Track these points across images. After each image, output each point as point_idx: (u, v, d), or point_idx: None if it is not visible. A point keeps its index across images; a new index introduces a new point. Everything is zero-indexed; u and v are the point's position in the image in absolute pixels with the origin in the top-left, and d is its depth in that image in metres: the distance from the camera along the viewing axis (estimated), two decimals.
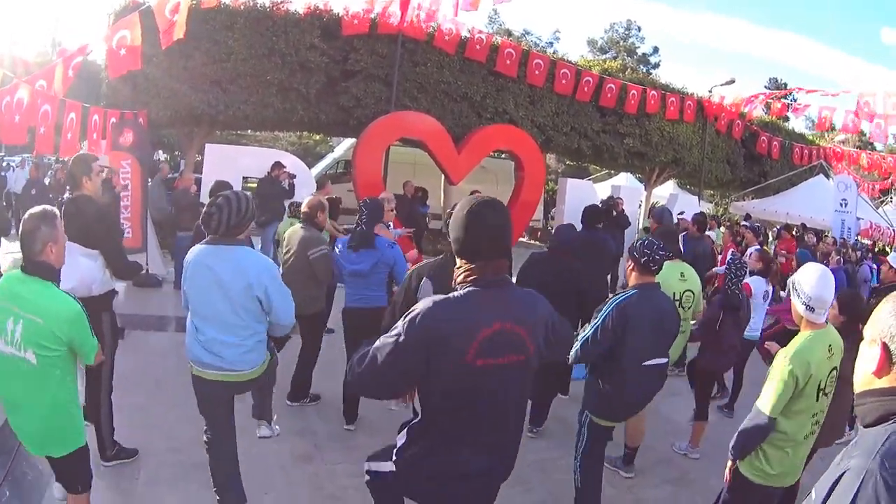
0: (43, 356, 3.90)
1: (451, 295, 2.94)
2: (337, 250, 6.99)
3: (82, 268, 5.57)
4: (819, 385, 4.34)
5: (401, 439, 3.21)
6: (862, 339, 2.11)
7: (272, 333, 4.93)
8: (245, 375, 4.75)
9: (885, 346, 1.99)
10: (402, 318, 2.90)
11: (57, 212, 4.15)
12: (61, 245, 4.13)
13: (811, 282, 4.34)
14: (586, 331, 5.26)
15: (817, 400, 4.38)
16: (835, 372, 4.47)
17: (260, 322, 4.72)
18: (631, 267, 5.42)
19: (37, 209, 4.08)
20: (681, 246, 9.90)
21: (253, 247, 5.65)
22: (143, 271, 12.44)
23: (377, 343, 2.93)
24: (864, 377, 2.08)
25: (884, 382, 2.00)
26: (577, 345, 5.15)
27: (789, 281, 4.65)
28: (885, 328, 2.00)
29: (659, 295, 5.46)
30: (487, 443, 3.08)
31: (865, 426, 2.03)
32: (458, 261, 3.05)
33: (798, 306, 4.43)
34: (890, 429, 1.90)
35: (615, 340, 5.11)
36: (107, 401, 5.87)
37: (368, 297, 6.77)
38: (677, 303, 6.75)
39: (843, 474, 1.88)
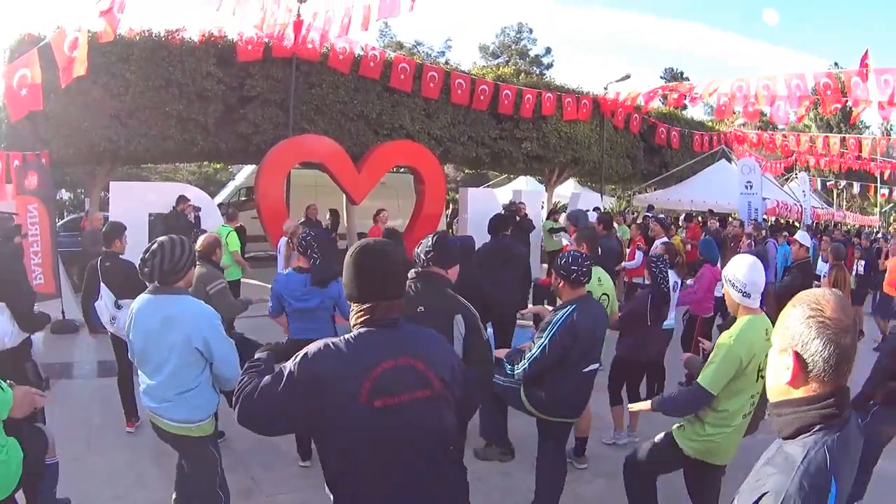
0: None
1: (341, 337, 2.89)
2: (276, 286, 6.91)
3: None
4: (759, 366, 4.62)
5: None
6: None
7: (221, 387, 4.72)
8: (183, 429, 4.54)
9: (797, 356, 1.99)
10: (293, 358, 2.85)
11: None
12: None
13: (743, 270, 4.63)
14: (533, 350, 5.38)
15: (756, 381, 4.67)
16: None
17: (203, 372, 4.55)
18: (561, 284, 5.52)
19: None
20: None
21: None
22: (59, 318, 12.39)
23: (265, 380, 2.85)
24: (779, 387, 2.08)
25: (800, 392, 2.01)
26: (525, 363, 5.37)
27: (722, 273, 4.88)
28: (797, 336, 2.00)
29: (594, 305, 5.66)
30: (411, 484, 2.89)
31: (784, 438, 2.04)
32: (351, 306, 3.02)
33: (734, 294, 4.70)
34: (808, 443, 1.93)
35: (564, 355, 5.27)
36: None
37: (315, 331, 6.49)
38: None
39: (763, 496, 1.89)
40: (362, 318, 2.93)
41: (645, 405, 5.20)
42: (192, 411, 4.53)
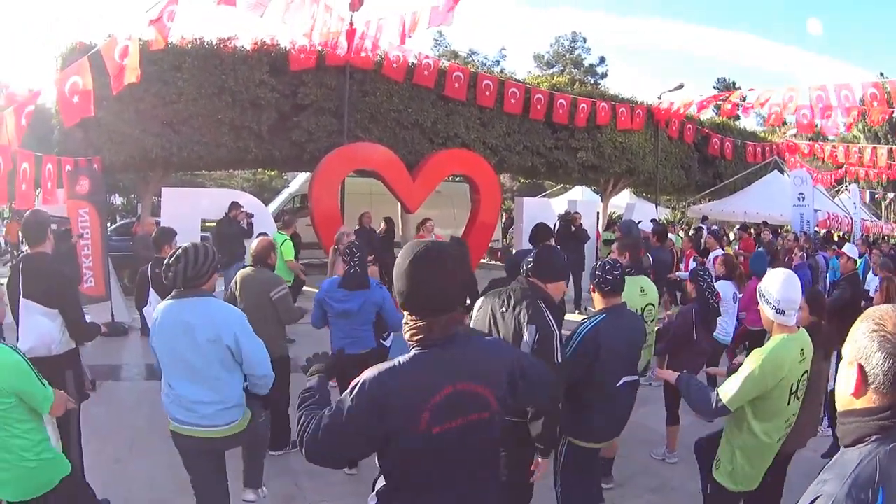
0: None
1: (397, 361, 2.74)
2: (319, 294, 6.88)
3: (41, 327, 5.53)
4: (791, 388, 4.46)
5: (372, 500, 3.00)
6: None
7: (253, 390, 4.75)
8: (222, 432, 4.56)
9: (860, 368, 2.00)
10: (349, 389, 2.73)
11: None
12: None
13: (777, 285, 4.46)
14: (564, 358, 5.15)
15: (788, 403, 4.50)
16: (806, 375, 4.60)
17: (233, 375, 4.56)
18: (594, 291, 5.34)
19: None
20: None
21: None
22: (109, 322, 12.46)
23: (326, 418, 2.74)
24: (844, 398, 2.10)
25: (861, 403, 2.03)
26: None
27: (757, 289, 4.74)
28: (861, 349, 2.02)
29: (627, 314, 5.43)
30: (459, 497, 2.85)
31: (845, 446, 2.06)
32: (404, 315, 2.83)
33: (767, 311, 4.55)
34: (863, 453, 1.94)
35: (588, 367, 5.02)
36: (76, 453, 5.74)
37: (357, 339, 6.68)
38: None
39: (817, 499, 1.92)
40: (418, 337, 2.76)
41: (672, 376, 5.22)
42: (232, 412, 4.59)
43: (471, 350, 2.86)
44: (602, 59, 66.89)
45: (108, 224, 13.66)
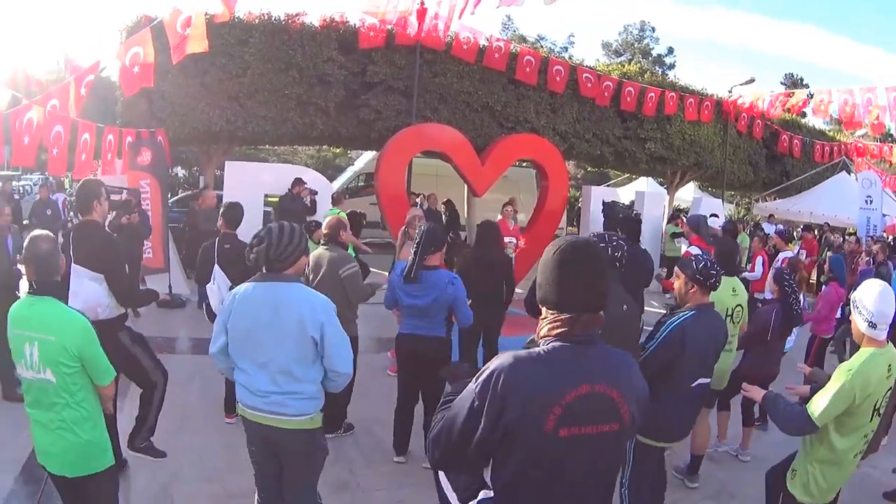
0: (61, 373, 3.91)
1: (532, 351, 2.53)
2: (393, 276, 6.65)
3: (88, 290, 5.55)
4: (875, 404, 4.33)
5: None
6: None
7: (327, 388, 4.42)
8: (296, 423, 4.24)
9: None
10: (475, 378, 2.53)
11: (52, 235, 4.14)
12: (64, 266, 4.13)
13: (872, 297, 4.28)
14: (646, 350, 5.14)
15: (871, 419, 4.38)
16: (889, 391, 4.43)
17: (314, 366, 4.25)
18: (692, 288, 5.24)
19: (44, 232, 4.12)
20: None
21: None
22: (166, 294, 12.48)
23: (449, 413, 2.59)
24: None
25: None
26: None
27: (851, 297, 4.56)
28: None
29: (713, 315, 5.37)
30: None
31: None
32: (542, 310, 2.66)
33: (860, 323, 4.35)
34: None
35: (671, 360, 4.99)
36: (160, 393, 5.89)
37: (426, 327, 6.46)
38: (728, 318, 6.65)
39: None
40: (558, 331, 2.56)
41: (759, 394, 4.87)
42: (305, 403, 4.27)
43: (612, 356, 2.66)
44: (670, 50, 67.31)
45: (169, 196, 13.51)
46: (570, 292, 2.55)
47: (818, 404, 4.27)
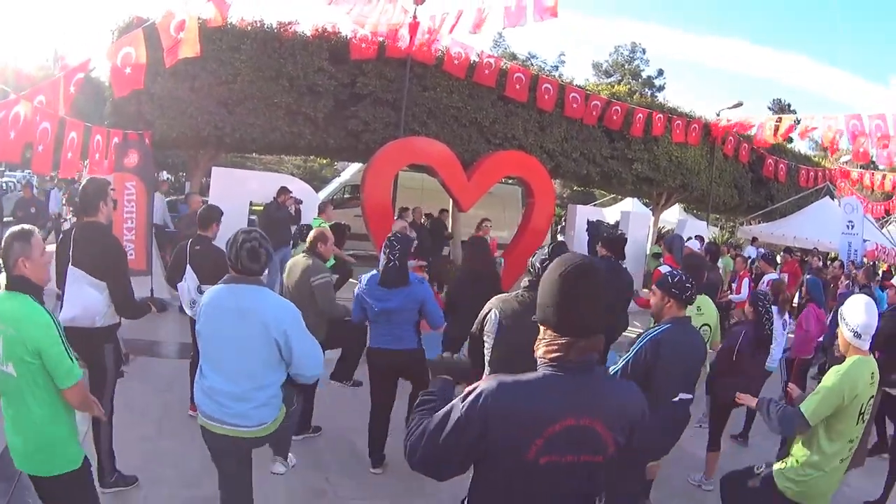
0: (21, 368, 3.85)
1: (522, 377, 2.52)
2: (359, 289, 6.57)
3: (86, 297, 5.46)
4: (861, 408, 4.62)
5: None
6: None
7: (298, 381, 4.52)
8: (252, 433, 4.31)
9: None
10: (461, 396, 2.54)
11: (35, 230, 4.06)
12: (37, 261, 3.96)
13: (858, 310, 4.66)
14: (618, 364, 5.21)
15: (857, 423, 4.66)
16: (872, 399, 4.75)
17: (275, 373, 4.29)
18: (668, 302, 5.30)
19: (14, 228, 4.04)
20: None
21: None
22: (149, 297, 12.25)
23: (434, 422, 2.57)
24: None
25: None
26: None
27: (839, 311, 4.89)
28: None
29: (691, 329, 5.46)
30: None
31: None
32: (541, 329, 2.64)
33: (846, 334, 4.71)
34: None
35: (645, 372, 5.01)
36: (107, 427, 5.72)
37: (398, 337, 6.44)
38: None
39: None
40: (553, 356, 2.55)
41: (751, 401, 5.29)
42: (264, 411, 4.33)
43: (605, 385, 2.70)
44: (660, 72, 67.79)
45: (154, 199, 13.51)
46: (571, 316, 2.53)
47: (810, 402, 4.59)
